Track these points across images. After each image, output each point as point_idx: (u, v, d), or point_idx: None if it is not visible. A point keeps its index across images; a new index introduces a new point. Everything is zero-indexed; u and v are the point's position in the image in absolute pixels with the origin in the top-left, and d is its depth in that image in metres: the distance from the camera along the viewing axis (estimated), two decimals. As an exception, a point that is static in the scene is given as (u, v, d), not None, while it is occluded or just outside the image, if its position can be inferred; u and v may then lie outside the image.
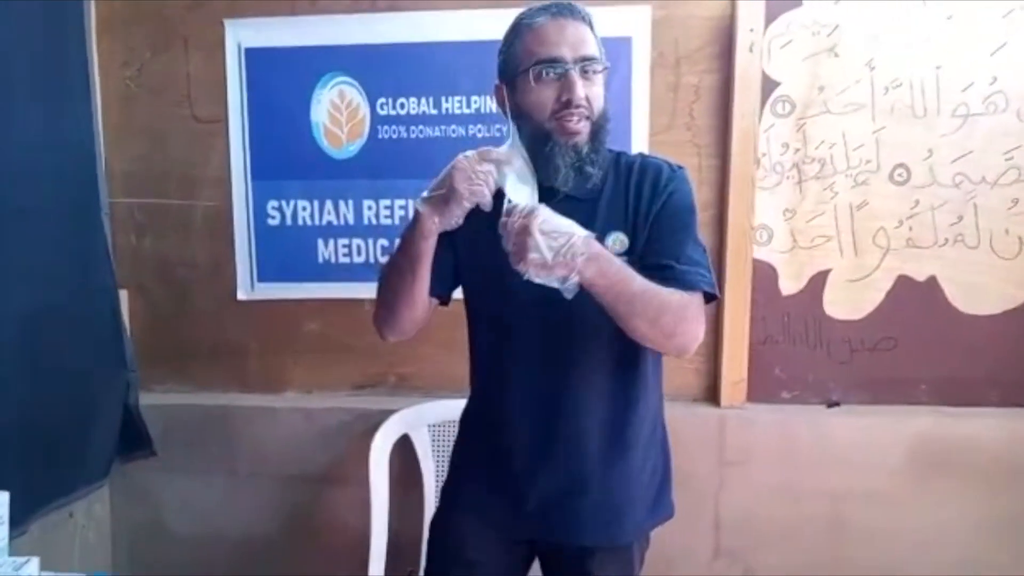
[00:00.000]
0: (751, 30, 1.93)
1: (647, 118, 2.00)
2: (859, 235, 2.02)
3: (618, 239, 1.27)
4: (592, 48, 1.24)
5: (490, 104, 2.03)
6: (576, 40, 1.22)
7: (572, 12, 1.25)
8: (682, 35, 1.98)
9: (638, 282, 1.15)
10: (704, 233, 2.00)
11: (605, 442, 1.32)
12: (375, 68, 2.07)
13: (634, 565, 1.40)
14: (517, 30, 1.28)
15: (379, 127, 2.08)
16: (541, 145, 1.24)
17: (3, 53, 1.71)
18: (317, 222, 2.15)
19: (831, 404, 2.06)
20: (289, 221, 2.15)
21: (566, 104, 1.21)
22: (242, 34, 2.10)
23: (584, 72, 1.22)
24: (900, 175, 2.00)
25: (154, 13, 2.11)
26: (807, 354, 2.06)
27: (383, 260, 2.08)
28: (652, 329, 1.18)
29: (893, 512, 2.01)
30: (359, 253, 2.14)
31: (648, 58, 1.98)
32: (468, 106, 2.05)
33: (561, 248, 1.08)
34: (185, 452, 2.16)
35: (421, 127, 2.07)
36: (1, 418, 1.70)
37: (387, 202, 2.12)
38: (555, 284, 1.10)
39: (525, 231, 1.08)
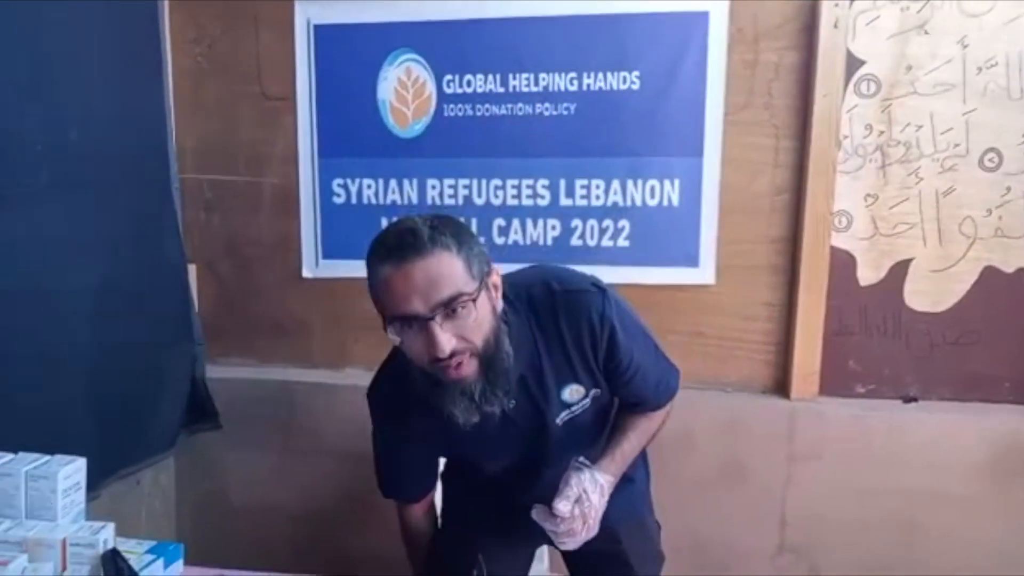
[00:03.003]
0: (836, 5, 1.83)
1: (722, 97, 1.92)
2: (944, 223, 1.92)
3: (572, 390, 1.27)
4: (452, 283, 1.06)
5: (558, 82, 1.98)
6: (427, 285, 1.05)
7: (416, 250, 1.06)
8: (762, 10, 1.90)
9: (631, 446, 1.35)
10: (780, 219, 1.95)
11: None
12: (442, 45, 2.04)
13: (653, 534, 1.57)
14: (370, 279, 1.13)
15: (445, 105, 2.06)
16: (432, 386, 1.15)
17: (77, 29, 1.74)
18: (381, 201, 2.14)
19: (908, 399, 1.98)
20: (354, 199, 2.15)
21: (436, 358, 1.09)
22: (311, 11, 2.09)
23: (450, 314, 1.07)
24: (991, 160, 1.89)
25: (225, -11, 2.12)
26: (884, 347, 1.97)
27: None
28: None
29: (970, 515, 1.92)
30: (422, 233, 2.13)
31: (725, 34, 1.91)
32: (535, 83, 2.00)
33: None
34: (248, 426, 2.19)
35: (487, 105, 2.03)
36: (76, 386, 1.75)
37: (451, 181, 2.10)
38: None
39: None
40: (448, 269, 1.07)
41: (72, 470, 1.19)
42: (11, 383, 1.54)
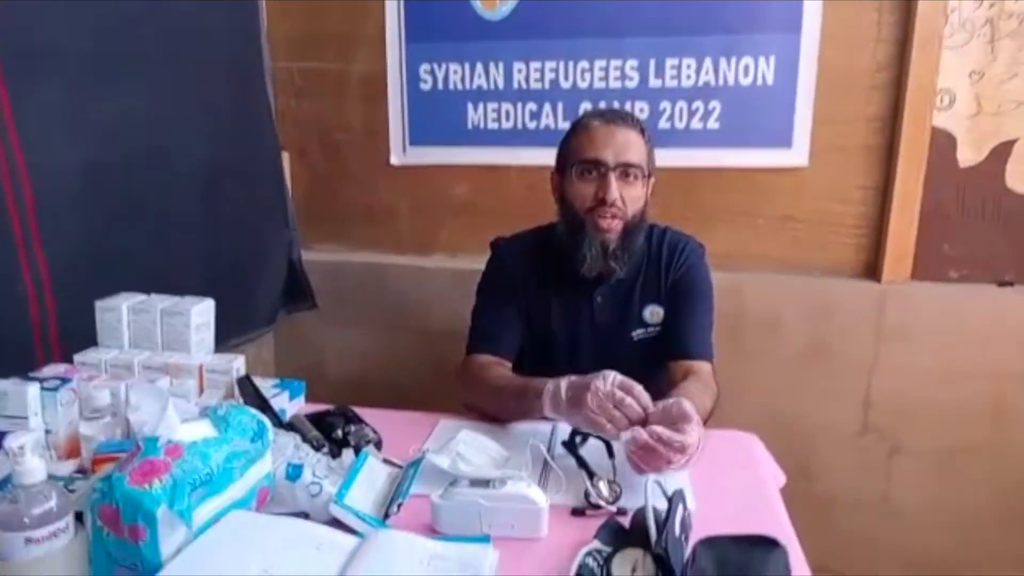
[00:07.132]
0: None
1: (823, -31, 1.85)
2: (1055, 102, 1.84)
3: (654, 311, 1.46)
4: (636, 155, 1.36)
5: (650, -42, 1.94)
6: (622, 145, 1.35)
7: (624, 120, 1.39)
8: None
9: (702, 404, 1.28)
10: (879, 97, 1.90)
11: None
12: (531, -79, 2.00)
13: None
14: (574, 128, 1.43)
15: (533, -16, 2.04)
16: (574, 232, 1.39)
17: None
18: (467, 86, 2.15)
19: (1003, 283, 1.93)
20: (440, 85, 2.16)
21: (601, 201, 1.34)
22: None
23: (624, 175, 1.35)
24: (1111, 34, 1.78)
25: None
26: (981, 230, 1.92)
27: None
28: None
29: (1062, 400, 1.89)
30: (507, 118, 2.14)
31: (828, -101, 1.82)
32: (627, -42, 1.96)
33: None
34: (342, 305, 2.29)
35: (577, -17, 2.01)
36: (187, 260, 1.85)
37: (537, 64, 2.08)
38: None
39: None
40: (638, 145, 1.37)
41: (203, 308, 1.28)
42: (130, 252, 1.64)
